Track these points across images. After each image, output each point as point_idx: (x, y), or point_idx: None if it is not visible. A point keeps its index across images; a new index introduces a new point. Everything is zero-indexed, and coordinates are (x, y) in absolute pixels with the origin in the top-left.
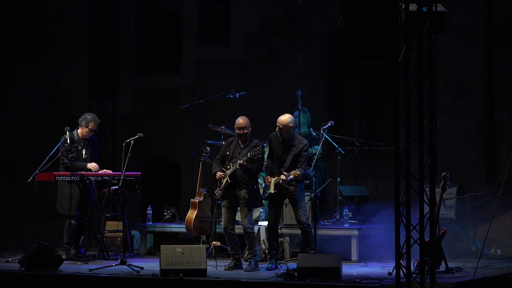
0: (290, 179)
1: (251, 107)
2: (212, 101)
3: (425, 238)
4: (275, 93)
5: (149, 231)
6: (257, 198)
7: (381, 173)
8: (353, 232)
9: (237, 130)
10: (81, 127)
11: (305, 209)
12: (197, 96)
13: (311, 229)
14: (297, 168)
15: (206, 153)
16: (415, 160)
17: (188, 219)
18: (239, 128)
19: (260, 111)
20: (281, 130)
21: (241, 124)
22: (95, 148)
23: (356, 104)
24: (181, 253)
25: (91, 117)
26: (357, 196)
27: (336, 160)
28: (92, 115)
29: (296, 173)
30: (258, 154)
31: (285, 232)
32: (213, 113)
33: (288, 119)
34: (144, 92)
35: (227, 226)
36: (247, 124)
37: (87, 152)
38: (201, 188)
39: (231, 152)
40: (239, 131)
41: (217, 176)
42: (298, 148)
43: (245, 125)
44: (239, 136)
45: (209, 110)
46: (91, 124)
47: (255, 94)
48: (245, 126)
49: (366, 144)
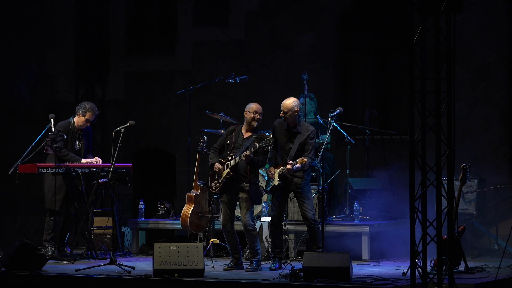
0: (296, 168)
1: (253, 93)
2: (210, 85)
3: (442, 235)
4: (278, 77)
5: (141, 228)
6: (258, 194)
7: (394, 164)
8: (364, 228)
9: (256, 114)
10: (78, 115)
11: (312, 203)
12: (193, 80)
13: (318, 226)
14: (302, 157)
15: (203, 143)
16: (432, 150)
17: (184, 214)
18: (256, 112)
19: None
20: (286, 115)
21: (259, 109)
22: (90, 139)
23: (367, 89)
24: (176, 251)
25: (90, 106)
26: (369, 190)
27: (345, 150)
28: (91, 105)
29: (303, 161)
30: (267, 146)
31: (289, 228)
32: (211, 99)
33: (293, 102)
34: (135, 76)
35: (226, 223)
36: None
37: (81, 143)
38: (197, 181)
39: (232, 142)
40: (256, 115)
41: (215, 167)
42: (304, 136)
43: (261, 111)
44: (256, 121)
45: (206, 95)
46: (88, 114)
47: (256, 78)
48: (261, 113)
49: (378, 132)
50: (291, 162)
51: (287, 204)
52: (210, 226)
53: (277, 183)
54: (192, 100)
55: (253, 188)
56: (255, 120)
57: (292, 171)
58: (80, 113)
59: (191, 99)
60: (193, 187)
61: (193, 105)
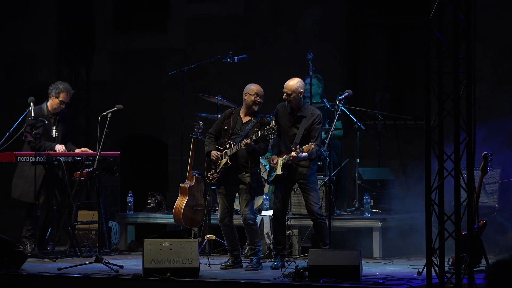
0: (302, 157)
1: (252, 74)
2: (205, 66)
3: (461, 231)
4: (281, 56)
5: (130, 223)
6: (259, 185)
7: (408, 152)
8: (376, 223)
9: (257, 97)
10: (51, 98)
11: (318, 196)
12: (187, 60)
13: (324, 221)
14: (309, 144)
15: (198, 129)
16: (450, 137)
17: (177, 208)
18: (257, 94)
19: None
20: (289, 97)
21: (260, 91)
22: (68, 124)
23: (378, 70)
24: (169, 248)
25: (63, 86)
26: (380, 180)
27: (354, 137)
28: (64, 85)
29: (310, 148)
30: (270, 134)
31: (293, 223)
32: (207, 80)
33: (297, 83)
34: (123, 56)
35: (224, 217)
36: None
37: (59, 129)
38: (192, 170)
39: (230, 127)
40: (258, 98)
41: (212, 155)
42: (310, 120)
43: (262, 93)
44: (257, 104)
45: (202, 77)
46: (62, 95)
47: (257, 58)
48: (263, 95)
49: (391, 117)
50: (296, 149)
51: (290, 196)
52: (206, 221)
53: (281, 172)
54: (185, 82)
55: (254, 178)
56: (256, 104)
57: (297, 159)
58: (53, 95)
59: (184, 81)
60: (187, 178)
61: (187, 87)
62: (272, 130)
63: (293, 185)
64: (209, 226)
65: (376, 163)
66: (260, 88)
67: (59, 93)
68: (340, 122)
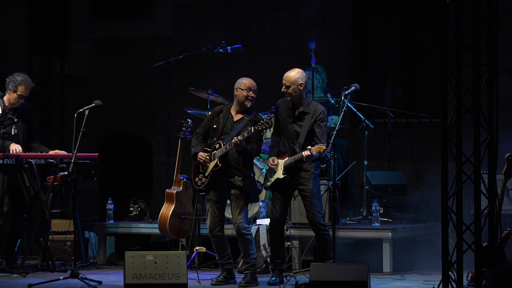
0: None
1: (248, 66)
2: (195, 57)
3: (482, 242)
4: (279, 46)
5: (110, 233)
6: (254, 190)
7: (422, 154)
8: (386, 233)
9: (249, 92)
10: (8, 92)
11: (321, 204)
12: (174, 50)
13: (328, 231)
14: (319, 144)
15: (186, 127)
16: (469, 137)
17: (163, 216)
18: (250, 89)
19: (259, 71)
20: (287, 90)
21: (253, 86)
22: (29, 119)
23: (389, 61)
24: (153, 262)
25: (22, 78)
26: (391, 185)
27: (362, 136)
28: (23, 76)
29: (321, 149)
30: (263, 129)
31: (293, 234)
32: (197, 73)
33: (297, 74)
34: (102, 45)
35: (214, 226)
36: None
37: (19, 126)
38: (179, 174)
39: (220, 126)
40: (250, 93)
41: (199, 158)
42: (313, 117)
43: (255, 88)
44: (249, 100)
45: (191, 69)
46: (20, 89)
47: (253, 48)
48: (255, 90)
49: (403, 115)
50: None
51: (290, 203)
52: (195, 231)
53: (282, 176)
54: (172, 75)
55: (247, 182)
56: (248, 100)
57: (312, 158)
58: (11, 89)
59: (171, 74)
60: (174, 183)
61: (174, 80)
62: (267, 124)
63: (293, 190)
64: (198, 237)
65: (386, 166)
66: (253, 82)
67: (17, 87)
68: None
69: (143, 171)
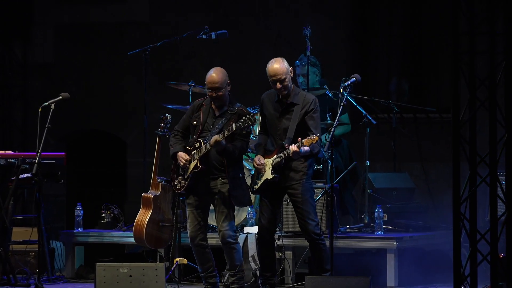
0: (304, 152)
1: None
2: (175, 44)
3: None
4: (270, 32)
5: (79, 243)
6: (243, 192)
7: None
8: (390, 243)
9: (209, 91)
10: None
11: (314, 210)
12: (151, 36)
13: (323, 241)
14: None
15: (165, 123)
16: (484, 134)
17: (139, 223)
18: (211, 89)
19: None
20: (283, 84)
21: (213, 81)
22: None
23: (394, 49)
24: (127, 275)
25: None
26: (396, 189)
27: (363, 134)
28: None
29: (313, 140)
30: (247, 127)
31: (286, 243)
32: (177, 62)
33: (284, 62)
34: (70, 31)
35: (195, 235)
36: (223, 80)
37: None
38: (157, 176)
39: (200, 122)
40: (211, 92)
41: (179, 158)
42: (304, 109)
43: (220, 82)
44: (212, 99)
45: (170, 57)
46: None
47: (240, 34)
48: (220, 84)
49: (410, 109)
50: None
51: (281, 208)
52: (175, 240)
53: (271, 176)
54: (150, 64)
55: (234, 184)
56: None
57: (299, 155)
58: None
59: (148, 63)
60: (151, 186)
61: (151, 70)
62: (249, 121)
63: (283, 194)
64: (179, 247)
65: (390, 167)
66: (214, 74)
67: None
68: (346, 115)
69: (116, 172)
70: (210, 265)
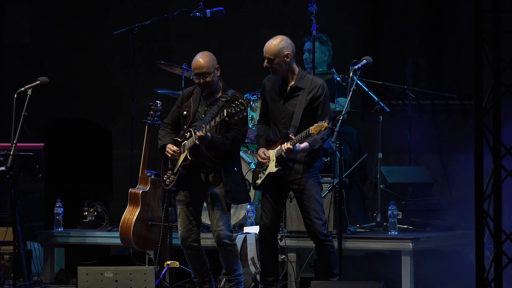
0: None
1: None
2: (166, 23)
3: None
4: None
5: (59, 244)
6: (239, 188)
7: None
8: (405, 244)
9: (196, 77)
10: None
11: (321, 207)
12: (140, 14)
13: (331, 242)
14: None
15: (155, 111)
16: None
17: (126, 222)
18: (198, 74)
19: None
20: (271, 64)
21: (200, 66)
22: None
23: (409, 28)
24: (113, 280)
25: None
26: (412, 184)
27: (375, 122)
28: None
29: (322, 126)
30: (240, 113)
31: (289, 245)
32: (168, 43)
33: (281, 42)
34: (48, 9)
35: (186, 236)
36: (211, 64)
37: None
38: (146, 170)
39: (191, 111)
40: (198, 79)
41: (168, 151)
42: (311, 93)
43: (207, 66)
44: (199, 86)
45: (160, 38)
46: None
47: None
48: (207, 69)
49: (427, 95)
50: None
51: (285, 206)
52: (166, 241)
53: (275, 169)
54: (138, 45)
55: (230, 179)
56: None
57: (293, 153)
58: None
59: (136, 44)
60: (140, 181)
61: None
62: (242, 106)
63: (287, 190)
64: (170, 249)
65: (405, 160)
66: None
67: None
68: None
69: (100, 166)
70: (204, 269)
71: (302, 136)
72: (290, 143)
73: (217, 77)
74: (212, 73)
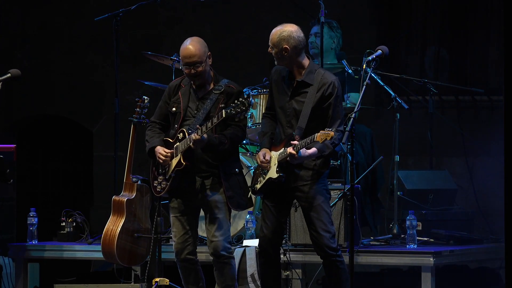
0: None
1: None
2: (154, 7)
3: None
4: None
5: (33, 258)
6: (240, 192)
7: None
8: (426, 259)
9: (185, 68)
10: None
11: (329, 218)
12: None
13: (341, 258)
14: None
15: (142, 108)
16: None
17: (109, 234)
18: (188, 64)
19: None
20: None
21: (190, 54)
22: None
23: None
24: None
25: None
26: (433, 191)
27: (391, 121)
28: None
29: (328, 135)
30: (241, 113)
31: (294, 259)
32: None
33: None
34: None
35: (182, 247)
36: (203, 51)
37: None
38: (132, 175)
39: (181, 107)
40: (188, 69)
41: (159, 156)
42: (320, 90)
43: (198, 54)
44: (189, 77)
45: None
46: None
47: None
48: (199, 58)
49: (450, 90)
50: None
51: (289, 216)
52: (154, 255)
53: (276, 175)
54: (122, 33)
55: (231, 183)
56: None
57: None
58: None
59: (120, 32)
60: (124, 187)
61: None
62: (242, 106)
63: (292, 198)
64: (159, 264)
65: (426, 163)
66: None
67: None
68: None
69: (80, 170)
70: (200, 285)
71: (307, 142)
72: (294, 149)
73: (209, 65)
74: (204, 62)
